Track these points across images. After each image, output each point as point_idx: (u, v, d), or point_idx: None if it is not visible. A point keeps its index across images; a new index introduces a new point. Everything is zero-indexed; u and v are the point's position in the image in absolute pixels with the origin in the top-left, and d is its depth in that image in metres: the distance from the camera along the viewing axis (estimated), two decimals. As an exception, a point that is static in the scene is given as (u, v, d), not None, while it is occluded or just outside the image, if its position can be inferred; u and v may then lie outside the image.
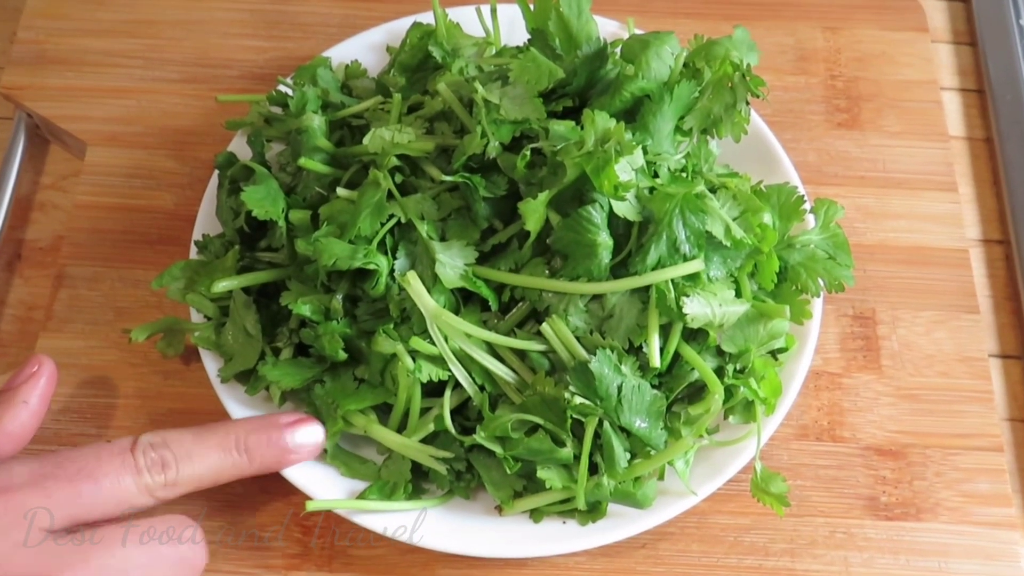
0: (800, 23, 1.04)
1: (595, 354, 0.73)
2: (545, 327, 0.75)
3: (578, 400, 0.73)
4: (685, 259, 0.73)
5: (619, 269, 0.75)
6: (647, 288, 0.74)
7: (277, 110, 0.89)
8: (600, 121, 0.73)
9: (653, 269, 0.73)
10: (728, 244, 0.74)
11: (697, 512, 0.80)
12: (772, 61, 1.01)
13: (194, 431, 0.72)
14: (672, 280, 0.73)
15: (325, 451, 0.77)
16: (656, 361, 0.73)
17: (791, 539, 0.80)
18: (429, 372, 0.75)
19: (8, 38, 1.03)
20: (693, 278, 0.74)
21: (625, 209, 0.73)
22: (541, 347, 0.75)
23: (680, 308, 0.72)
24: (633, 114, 0.79)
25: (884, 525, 0.81)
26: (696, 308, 0.73)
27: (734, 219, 0.75)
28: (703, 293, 0.73)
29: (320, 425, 0.76)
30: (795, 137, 0.97)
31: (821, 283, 0.80)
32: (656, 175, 0.76)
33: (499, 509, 0.77)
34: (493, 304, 0.77)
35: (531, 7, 0.85)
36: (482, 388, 0.76)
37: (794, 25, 1.04)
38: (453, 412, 0.76)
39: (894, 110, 0.99)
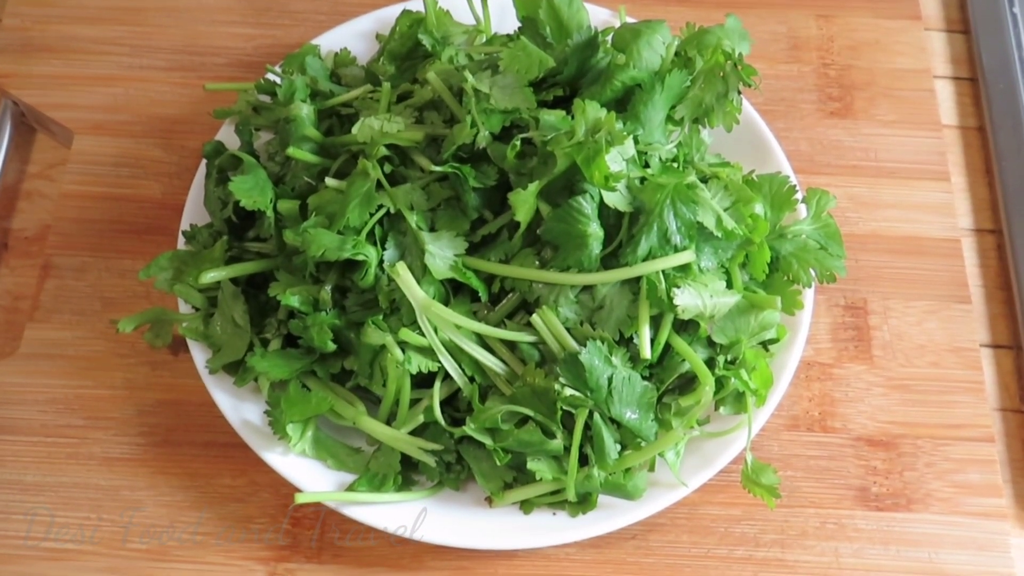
0: (793, 11, 1.03)
1: (585, 345, 0.73)
2: (535, 318, 0.74)
3: (568, 391, 0.73)
4: (676, 250, 0.73)
5: (610, 260, 0.74)
6: (638, 279, 0.73)
7: (265, 99, 0.88)
8: (591, 111, 0.73)
9: (644, 260, 0.73)
10: (719, 235, 0.74)
11: (687, 503, 0.79)
12: (764, 49, 1.00)
13: None
14: (663, 271, 0.73)
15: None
16: (647, 352, 0.73)
17: (782, 530, 0.80)
18: (419, 363, 0.74)
19: (-7, 25, 1.02)
20: (684, 269, 0.74)
21: (616, 199, 0.73)
22: (531, 338, 0.75)
23: (671, 299, 0.72)
24: (624, 103, 0.78)
25: (875, 516, 0.81)
26: (687, 299, 0.72)
27: (725, 209, 0.75)
28: (694, 284, 0.73)
29: None
30: (787, 126, 0.97)
31: (813, 273, 0.80)
32: (647, 165, 0.76)
33: (489, 501, 0.77)
34: (483, 295, 0.76)
35: (521, -5, 0.84)
36: (472, 379, 0.76)
37: (787, 13, 1.03)
38: (443, 404, 0.76)
39: (887, 99, 0.98)
